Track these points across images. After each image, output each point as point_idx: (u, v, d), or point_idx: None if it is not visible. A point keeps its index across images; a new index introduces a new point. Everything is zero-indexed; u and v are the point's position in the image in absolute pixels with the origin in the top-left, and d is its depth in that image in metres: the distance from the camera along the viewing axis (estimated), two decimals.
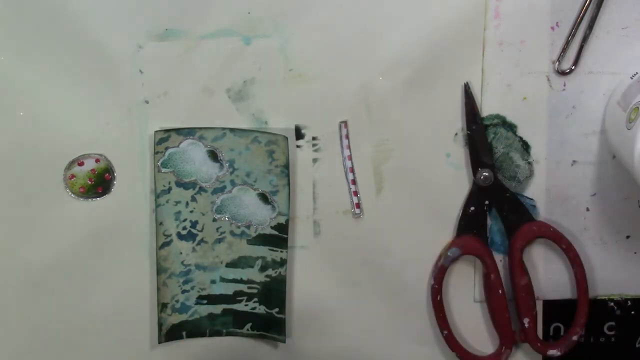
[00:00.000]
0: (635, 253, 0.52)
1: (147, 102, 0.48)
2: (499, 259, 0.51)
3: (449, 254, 0.50)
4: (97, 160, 0.49)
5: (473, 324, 0.52)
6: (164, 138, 0.48)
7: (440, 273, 0.50)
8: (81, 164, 0.49)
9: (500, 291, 0.50)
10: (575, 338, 0.51)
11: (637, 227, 0.52)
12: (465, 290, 0.52)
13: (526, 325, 0.50)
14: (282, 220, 0.50)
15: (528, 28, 0.49)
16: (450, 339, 0.51)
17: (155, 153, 0.48)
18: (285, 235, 0.50)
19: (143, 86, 0.48)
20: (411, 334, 0.53)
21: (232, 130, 0.49)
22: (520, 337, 0.51)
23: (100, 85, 0.48)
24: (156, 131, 0.48)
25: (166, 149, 0.48)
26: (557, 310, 0.53)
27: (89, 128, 0.48)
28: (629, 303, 0.53)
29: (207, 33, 0.47)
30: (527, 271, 0.50)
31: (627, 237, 0.52)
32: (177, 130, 0.48)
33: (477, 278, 0.52)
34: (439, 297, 0.50)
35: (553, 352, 0.51)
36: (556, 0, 0.48)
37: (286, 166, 0.49)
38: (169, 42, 0.47)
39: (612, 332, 0.54)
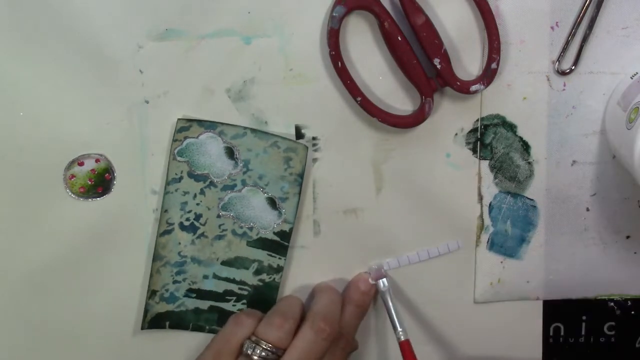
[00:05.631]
0: (635, 253, 0.53)
1: (147, 102, 0.48)
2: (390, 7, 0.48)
3: (334, 14, 0.46)
4: (97, 160, 0.49)
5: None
6: (185, 127, 0.48)
7: (332, 37, 0.46)
8: (81, 164, 0.48)
9: (399, 37, 0.46)
10: (494, 66, 0.48)
11: (637, 227, 0.52)
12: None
13: (438, 66, 0.47)
14: (286, 227, 0.50)
15: (528, 28, 0.49)
16: (365, 104, 0.48)
17: (174, 141, 0.48)
18: (286, 243, 0.50)
19: (143, 86, 0.48)
20: (410, 334, 0.53)
21: (253, 130, 0.49)
22: (439, 82, 0.48)
23: (100, 85, 0.48)
24: (179, 119, 0.48)
25: (185, 138, 0.48)
26: (557, 310, 0.53)
27: (89, 128, 0.48)
28: (629, 303, 0.54)
29: (207, 33, 0.47)
30: (422, 9, 0.47)
31: (627, 237, 0.52)
32: (199, 122, 0.48)
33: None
34: (339, 64, 0.47)
35: (476, 87, 0.48)
36: (556, 0, 0.48)
37: (301, 175, 0.49)
38: (169, 42, 0.47)
39: (612, 332, 0.54)
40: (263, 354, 0.45)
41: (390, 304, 0.50)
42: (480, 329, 0.53)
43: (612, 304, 0.53)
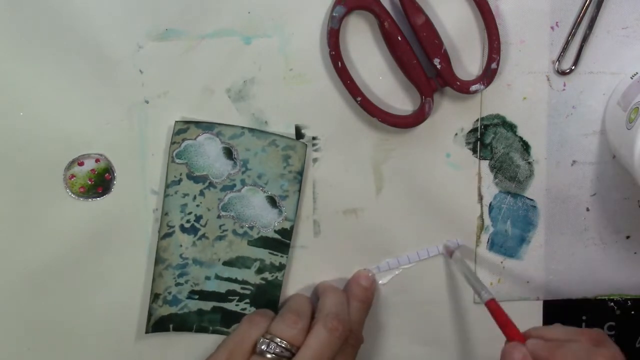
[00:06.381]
0: (635, 253, 0.53)
1: (147, 102, 0.48)
2: (390, 7, 0.48)
3: (334, 14, 0.46)
4: (97, 160, 0.49)
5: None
6: (183, 129, 0.48)
7: (332, 37, 0.46)
8: (81, 164, 0.48)
9: (399, 37, 0.47)
10: (494, 66, 0.48)
11: (637, 227, 0.52)
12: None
13: (438, 66, 0.47)
14: (287, 225, 0.50)
15: (528, 28, 0.49)
16: (365, 104, 0.48)
17: (172, 143, 0.48)
18: (287, 241, 0.50)
19: (143, 86, 0.48)
20: (411, 334, 0.53)
21: (250, 130, 0.49)
22: (439, 82, 0.48)
23: (100, 85, 0.48)
24: (176, 121, 0.48)
25: (183, 140, 0.48)
26: (557, 310, 0.53)
27: (89, 128, 0.48)
28: (629, 303, 0.54)
29: (207, 33, 0.47)
30: (422, 9, 0.47)
31: (627, 237, 0.52)
32: (197, 124, 0.48)
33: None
34: (339, 64, 0.47)
35: (476, 87, 0.48)
36: (556, 0, 0.48)
37: (300, 173, 0.49)
38: (169, 42, 0.47)
39: (612, 332, 0.54)
40: (277, 350, 0.45)
41: (468, 268, 0.49)
42: (480, 329, 0.53)
43: (612, 304, 0.53)
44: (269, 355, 0.45)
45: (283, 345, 0.45)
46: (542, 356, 0.42)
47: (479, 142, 0.50)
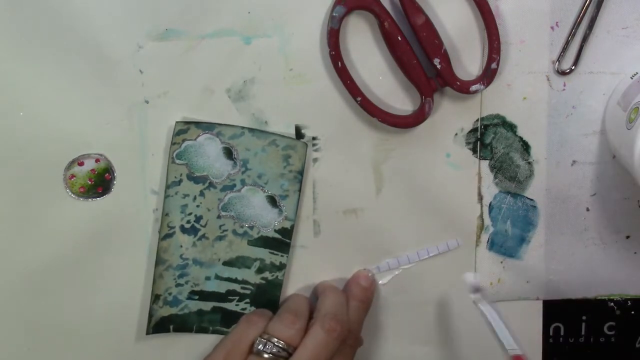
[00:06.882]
0: (635, 253, 0.53)
1: (147, 102, 0.48)
2: (390, 7, 0.48)
3: (334, 14, 0.46)
4: (97, 160, 0.49)
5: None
6: (183, 130, 0.48)
7: (332, 37, 0.46)
8: (81, 164, 0.49)
9: (399, 37, 0.47)
10: (494, 66, 0.48)
11: (637, 227, 0.52)
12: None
13: (438, 66, 0.47)
14: (287, 225, 0.50)
15: (528, 28, 0.49)
16: (365, 104, 0.48)
17: (172, 144, 0.48)
18: (288, 240, 0.50)
19: (143, 86, 0.48)
20: (411, 334, 0.53)
21: (251, 130, 0.49)
22: (439, 82, 0.48)
23: (100, 85, 0.48)
24: (177, 122, 0.48)
25: (183, 140, 0.48)
26: (557, 310, 0.53)
27: (89, 128, 0.48)
28: (629, 303, 0.54)
29: (207, 33, 0.47)
30: (422, 9, 0.47)
31: (627, 237, 0.52)
32: (197, 124, 0.48)
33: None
34: (339, 64, 0.47)
35: (476, 87, 0.48)
36: (556, 0, 0.48)
37: (300, 172, 0.49)
38: (169, 42, 0.47)
39: (612, 332, 0.54)
40: (274, 350, 0.45)
41: (494, 319, 0.47)
42: (480, 329, 0.53)
43: (612, 304, 0.53)
44: (266, 355, 0.45)
45: (280, 346, 0.45)
46: None
47: (479, 142, 0.50)
